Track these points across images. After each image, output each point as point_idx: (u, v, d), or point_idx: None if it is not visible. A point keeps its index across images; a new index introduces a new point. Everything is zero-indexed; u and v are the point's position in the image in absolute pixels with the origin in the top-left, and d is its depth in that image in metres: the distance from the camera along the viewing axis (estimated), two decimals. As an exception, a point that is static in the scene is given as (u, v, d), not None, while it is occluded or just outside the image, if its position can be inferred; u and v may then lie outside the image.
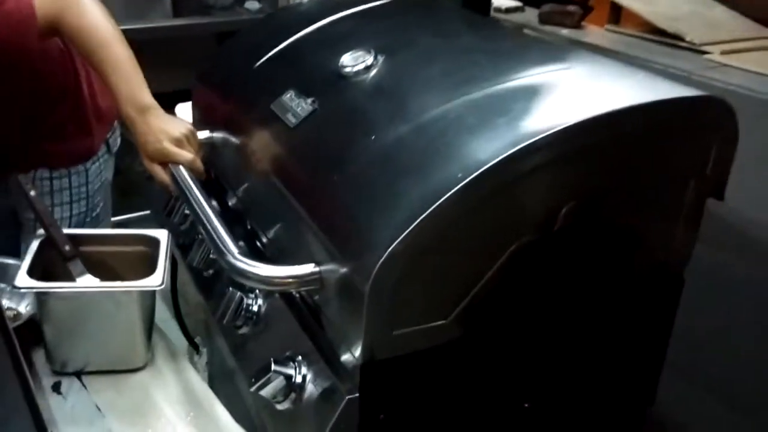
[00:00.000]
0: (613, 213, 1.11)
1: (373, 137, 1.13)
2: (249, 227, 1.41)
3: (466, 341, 1.06)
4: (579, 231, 1.07)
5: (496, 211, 1.00)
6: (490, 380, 1.13)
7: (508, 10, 2.31)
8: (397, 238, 0.94)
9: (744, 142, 1.63)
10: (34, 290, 1.24)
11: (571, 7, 2.15)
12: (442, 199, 0.94)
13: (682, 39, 1.94)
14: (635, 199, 1.12)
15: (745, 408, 1.73)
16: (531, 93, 1.10)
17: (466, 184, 0.94)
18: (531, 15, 2.27)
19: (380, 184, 1.06)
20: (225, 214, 1.46)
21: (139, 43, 3.02)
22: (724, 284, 1.67)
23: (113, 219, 3.02)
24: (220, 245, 1.15)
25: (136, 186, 1.81)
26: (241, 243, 1.33)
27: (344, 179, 1.12)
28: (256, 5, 3.45)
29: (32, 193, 1.35)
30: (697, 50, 1.91)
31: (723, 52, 1.88)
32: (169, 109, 1.92)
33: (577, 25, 2.14)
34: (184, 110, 1.87)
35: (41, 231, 1.36)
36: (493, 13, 2.29)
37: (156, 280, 1.27)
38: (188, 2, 3.62)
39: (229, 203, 1.52)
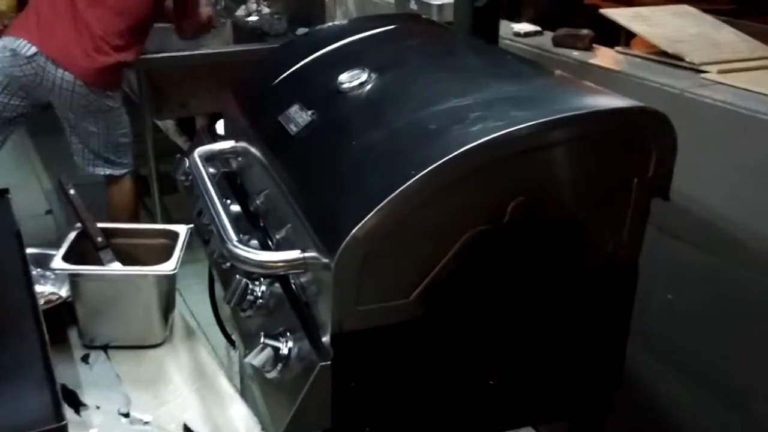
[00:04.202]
0: (561, 209, 1.25)
1: (354, 142, 1.31)
2: (263, 226, 1.57)
3: (427, 319, 1.21)
4: (528, 224, 1.22)
5: (447, 204, 1.15)
6: (453, 356, 1.27)
7: (527, 34, 2.44)
8: (357, 224, 1.10)
9: (728, 154, 1.76)
10: (66, 272, 1.45)
11: (584, 31, 2.28)
12: (395, 193, 1.10)
13: (682, 59, 2.06)
14: (581, 197, 1.26)
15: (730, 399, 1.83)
16: (486, 105, 1.25)
17: (415, 180, 1.11)
18: (548, 39, 2.40)
19: (353, 182, 1.23)
20: (247, 216, 1.62)
21: (202, 66, 3.30)
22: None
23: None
24: (222, 234, 1.30)
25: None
26: (255, 241, 1.50)
27: (327, 178, 1.29)
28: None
29: (71, 191, 1.55)
30: (696, 70, 2.02)
31: (720, 71, 1.98)
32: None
33: (588, 48, 2.26)
34: (221, 125, 2.06)
35: (78, 224, 1.57)
36: (512, 37, 2.43)
37: (169, 266, 1.46)
38: (246, 30, 3.89)
39: (250, 207, 1.69)
